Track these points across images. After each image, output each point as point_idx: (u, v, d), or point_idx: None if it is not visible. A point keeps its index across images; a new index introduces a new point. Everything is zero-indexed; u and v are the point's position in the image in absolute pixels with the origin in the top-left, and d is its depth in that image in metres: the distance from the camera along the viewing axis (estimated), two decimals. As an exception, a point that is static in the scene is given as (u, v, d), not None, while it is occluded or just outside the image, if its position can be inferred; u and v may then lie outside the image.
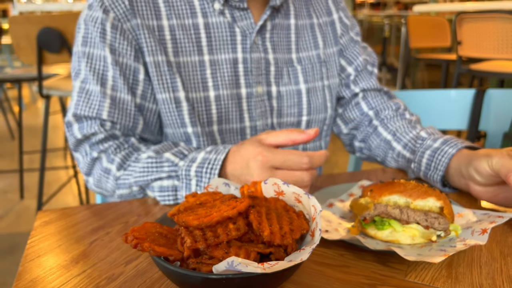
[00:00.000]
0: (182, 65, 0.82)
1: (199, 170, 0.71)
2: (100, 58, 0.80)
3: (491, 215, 0.59)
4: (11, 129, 4.61)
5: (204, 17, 0.84)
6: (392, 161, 0.91)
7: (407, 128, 0.91)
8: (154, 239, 0.45)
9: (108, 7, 0.79)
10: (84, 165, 0.83)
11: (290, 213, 0.49)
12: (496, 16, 2.39)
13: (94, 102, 0.80)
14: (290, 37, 0.92)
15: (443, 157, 0.76)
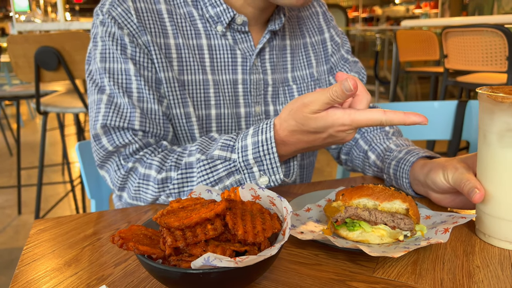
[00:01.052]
0: (187, 83, 0.86)
1: (257, 156, 0.71)
2: (123, 71, 0.81)
3: (455, 216, 0.64)
4: (9, 146, 4.65)
5: (207, 39, 0.88)
6: (370, 171, 0.95)
7: (382, 139, 0.95)
8: (139, 239, 0.50)
9: (121, 23, 0.82)
10: (117, 180, 0.82)
11: (265, 214, 0.53)
12: (480, 30, 2.47)
13: (125, 113, 0.80)
14: (286, 57, 0.97)
15: (406, 166, 0.80)
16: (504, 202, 0.59)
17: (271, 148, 0.70)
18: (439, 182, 0.71)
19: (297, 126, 0.67)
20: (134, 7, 0.83)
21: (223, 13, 0.87)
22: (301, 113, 0.65)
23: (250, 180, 0.74)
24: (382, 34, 7.05)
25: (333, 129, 0.64)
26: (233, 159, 0.74)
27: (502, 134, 0.57)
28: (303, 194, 0.78)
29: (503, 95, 0.55)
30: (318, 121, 0.64)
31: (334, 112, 0.63)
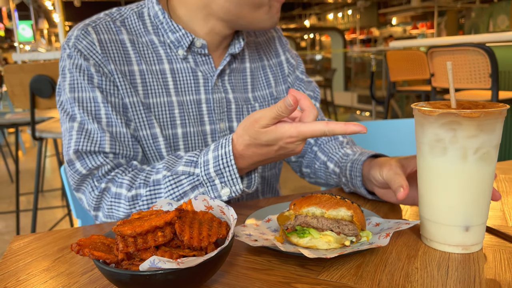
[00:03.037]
0: (153, 105, 0.92)
1: (217, 169, 0.77)
2: (91, 99, 0.87)
3: (401, 222, 0.69)
4: (10, 173, 4.73)
5: (169, 63, 0.95)
6: (331, 180, 1.02)
7: (337, 148, 1.04)
8: (96, 246, 0.55)
9: (87, 55, 0.88)
10: (92, 201, 0.86)
11: (214, 222, 0.58)
12: (464, 49, 2.54)
13: (96, 137, 0.86)
14: (246, 78, 1.05)
15: (358, 165, 0.90)
16: (439, 207, 0.64)
17: (230, 161, 0.76)
18: (377, 178, 0.81)
19: (250, 140, 0.73)
20: (98, 39, 0.89)
21: (183, 37, 0.94)
22: (253, 128, 0.71)
23: (213, 192, 0.79)
24: (378, 55, 7.18)
25: (282, 141, 0.70)
26: (196, 174, 0.79)
27: (432, 144, 0.62)
28: (267, 206, 0.83)
29: (430, 109, 0.61)
30: (268, 134, 0.70)
31: (282, 126, 0.69)
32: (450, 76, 0.64)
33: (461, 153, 0.60)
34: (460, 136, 0.59)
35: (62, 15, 6.22)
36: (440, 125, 0.61)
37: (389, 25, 15.70)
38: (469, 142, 0.59)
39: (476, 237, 0.64)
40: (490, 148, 0.60)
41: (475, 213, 0.63)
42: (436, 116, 0.61)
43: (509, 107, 0.61)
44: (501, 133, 0.61)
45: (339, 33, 12.43)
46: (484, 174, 0.61)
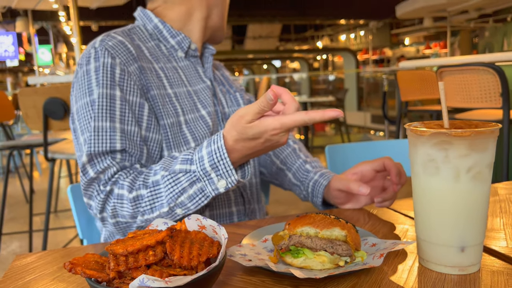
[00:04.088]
0: (177, 95, 1.04)
1: (212, 163, 0.82)
2: (109, 95, 0.94)
3: (396, 243, 0.68)
4: (26, 193, 4.80)
5: (175, 62, 1.10)
6: (286, 186, 1.19)
7: (293, 157, 1.18)
8: (89, 265, 0.56)
9: (114, 54, 0.96)
10: (98, 204, 0.92)
11: (205, 242, 0.59)
12: (473, 68, 2.53)
13: (106, 137, 0.92)
14: (222, 78, 1.24)
15: (320, 187, 1.06)
16: (434, 227, 0.63)
17: (223, 154, 0.81)
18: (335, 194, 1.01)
19: (238, 135, 0.79)
20: (126, 40, 1.00)
21: (183, 41, 1.10)
22: (239, 124, 0.78)
23: (210, 186, 0.84)
24: (390, 75, 7.18)
25: (267, 134, 0.77)
26: (193, 170, 0.84)
27: (425, 164, 0.62)
28: (265, 226, 0.83)
29: (422, 129, 0.61)
30: (253, 129, 0.77)
31: (265, 120, 0.76)
32: (442, 96, 0.65)
33: (453, 173, 0.60)
34: (452, 156, 0.59)
35: (80, 39, 6.39)
36: (432, 144, 0.61)
37: (402, 45, 15.72)
38: (461, 162, 0.59)
39: (472, 257, 0.63)
40: (483, 168, 0.60)
41: (470, 233, 0.62)
42: (428, 136, 0.61)
43: (501, 126, 0.61)
44: (494, 152, 0.61)
45: (352, 53, 12.49)
46: (478, 193, 0.61)
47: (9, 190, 3.32)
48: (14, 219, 4.16)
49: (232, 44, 16.45)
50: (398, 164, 0.98)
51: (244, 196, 1.12)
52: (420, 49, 14.75)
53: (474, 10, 9.99)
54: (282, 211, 3.89)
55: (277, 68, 18.66)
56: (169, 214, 0.88)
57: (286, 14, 11.95)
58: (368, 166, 1.00)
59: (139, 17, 1.12)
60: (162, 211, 0.88)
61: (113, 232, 1.01)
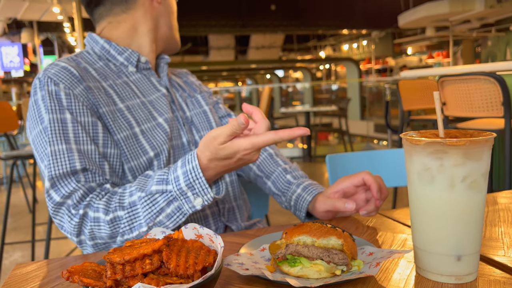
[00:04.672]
0: (130, 107, 1.05)
1: (188, 182, 0.85)
2: (60, 120, 0.95)
3: (393, 252, 0.68)
4: (29, 203, 4.81)
5: (126, 77, 1.11)
6: (268, 192, 1.20)
7: (271, 164, 1.21)
8: (87, 274, 0.56)
9: (56, 80, 0.98)
10: (73, 228, 0.91)
11: (201, 251, 0.59)
12: (474, 78, 2.54)
13: (64, 158, 0.92)
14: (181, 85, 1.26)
15: (304, 203, 1.08)
16: (430, 236, 0.63)
17: (198, 174, 0.85)
18: (320, 212, 1.03)
19: (211, 155, 0.83)
20: (69, 65, 1.02)
21: (131, 55, 1.12)
22: (212, 145, 0.82)
23: (187, 204, 0.87)
24: (392, 84, 7.19)
25: (239, 154, 0.81)
26: (169, 190, 0.87)
27: (420, 173, 0.63)
28: (263, 235, 0.84)
29: (417, 138, 0.62)
30: (226, 150, 0.81)
31: (237, 141, 0.81)
32: (438, 106, 0.65)
33: (449, 182, 0.60)
34: (447, 165, 0.60)
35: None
36: (427, 154, 0.61)
37: (405, 55, 15.76)
38: (456, 171, 0.60)
39: (469, 266, 0.63)
40: (478, 176, 0.60)
41: (466, 242, 0.62)
42: (423, 145, 0.61)
43: (496, 135, 0.61)
44: (489, 161, 0.62)
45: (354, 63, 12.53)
46: (473, 202, 0.61)
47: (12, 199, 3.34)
48: (16, 228, 4.17)
49: (235, 54, 16.54)
50: (377, 178, 0.99)
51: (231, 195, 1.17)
52: (423, 58, 14.77)
53: (476, 19, 10.02)
54: (284, 220, 3.88)
55: (280, 78, 18.73)
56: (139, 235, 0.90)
57: (288, 24, 12.03)
58: (348, 182, 1.02)
59: (87, 42, 1.15)
60: (141, 230, 0.89)
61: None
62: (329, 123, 10.72)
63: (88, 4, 1.14)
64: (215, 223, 1.12)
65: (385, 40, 14.81)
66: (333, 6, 11.82)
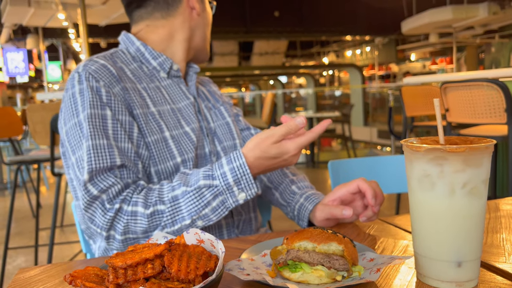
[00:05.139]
0: (161, 112, 1.08)
1: (236, 178, 0.92)
2: (100, 116, 0.97)
3: (394, 257, 0.68)
4: (33, 208, 4.83)
5: (158, 82, 1.13)
6: (274, 202, 1.22)
7: (280, 175, 1.23)
8: (89, 278, 0.57)
9: (97, 77, 1.00)
10: (105, 223, 0.93)
11: (203, 256, 0.60)
12: (477, 84, 2.54)
13: (105, 153, 0.95)
14: (206, 93, 1.28)
15: (305, 212, 1.09)
16: (430, 242, 0.64)
17: (246, 170, 0.92)
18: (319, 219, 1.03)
19: (261, 154, 0.91)
20: (108, 63, 1.04)
21: (164, 62, 1.14)
22: (264, 144, 0.91)
23: (231, 198, 0.93)
24: (396, 90, 7.19)
25: (287, 155, 0.91)
26: (215, 185, 0.92)
27: (421, 179, 0.63)
28: (265, 241, 0.84)
29: (418, 145, 0.62)
30: (276, 149, 0.90)
31: (286, 143, 0.91)
32: (438, 113, 0.66)
33: (449, 188, 0.61)
34: (447, 171, 0.60)
35: (88, 56, 6.50)
36: (428, 160, 0.61)
37: (408, 61, 15.76)
38: (456, 177, 0.60)
39: (470, 273, 0.63)
40: (478, 183, 0.61)
41: (467, 248, 0.62)
42: (423, 151, 0.62)
43: (496, 142, 0.62)
44: (489, 168, 0.62)
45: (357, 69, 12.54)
46: (473, 208, 0.61)
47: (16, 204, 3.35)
48: (20, 233, 4.18)
49: (238, 61, 16.60)
50: (373, 184, 1.00)
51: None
52: (426, 64, 14.77)
53: (479, 26, 10.02)
54: (287, 226, 3.87)
55: (283, 84, 18.76)
56: (190, 226, 0.93)
57: (292, 30, 12.07)
58: (344, 190, 1.03)
59: (122, 41, 1.16)
60: (183, 223, 0.93)
61: (108, 250, 1.04)
62: (332, 129, 10.72)
63: (129, 4, 1.15)
64: (229, 234, 1.12)
65: (389, 46, 14.82)
66: (336, 13, 11.86)
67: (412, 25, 9.46)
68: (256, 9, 11.48)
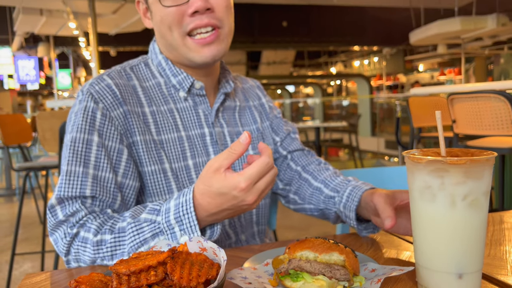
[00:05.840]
0: (164, 142, 1.00)
1: (177, 216, 0.79)
2: (85, 141, 0.92)
3: (395, 268, 0.69)
4: (40, 214, 4.87)
5: (174, 103, 1.05)
6: (321, 204, 1.09)
7: (333, 176, 1.12)
8: (93, 284, 0.58)
9: (97, 99, 0.95)
10: (63, 246, 0.88)
11: (205, 264, 0.61)
12: (484, 96, 2.54)
13: (77, 182, 0.89)
14: (235, 115, 1.16)
15: (359, 191, 0.97)
16: (431, 253, 0.64)
17: (189, 208, 0.79)
18: (370, 204, 0.89)
19: (204, 189, 0.78)
20: (114, 83, 0.98)
21: (184, 80, 1.04)
22: (206, 174, 0.77)
23: (172, 240, 0.80)
24: (403, 100, 7.18)
25: (235, 190, 0.75)
26: (158, 221, 0.82)
27: (422, 191, 0.64)
28: (267, 250, 0.85)
29: (419, 157, 0.63)
30: (220, 181, 0.75)
31: (233, 174, 0.75)
32: (439, 125, 0.66)
33: (449, 200, 0.61)
34: (448, 183, 0.61)
35: (98, 64, 6.59)
36: (429, 172, 0.62)
37: (416, 71, 15.74)
38: (457, 189, 0.61)
39: (470, 285, 0.63)
40: (479, 195, 0.61)
41: (468, 260, 0.62)
42: (425, 163, 0.62)
43: (497, 155, 0.62)
44: (490, 180, 0.62)
45: (365, 79, 12.55)
46: (474, 220, 0.62)
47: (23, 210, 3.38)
48: (27, 239, 4.21)
49: (246, 70, 16.69)
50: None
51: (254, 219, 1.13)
52: (435, 75, 14.74)
53: (488, 37, 10.00)
54: (293, 236, 3.86)
55: (291, 93, 18.80)
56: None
57: (300, 40, 12.14)
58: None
59: (149, 51, 1.10)
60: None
61: None
62: (340, 139, 10.71)
63: None
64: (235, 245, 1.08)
65: (397, 57, 14.83)
66: (344, 23, 11.91)
67: (420, 36, 9.46)
68: (264, 19, 11.58)
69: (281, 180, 1.21)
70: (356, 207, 0.95)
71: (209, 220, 0.81)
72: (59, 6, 7.32)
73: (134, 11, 7.65)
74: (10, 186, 6.33)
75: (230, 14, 1.01)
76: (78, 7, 7.27)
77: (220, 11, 0.98)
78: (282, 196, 1.23)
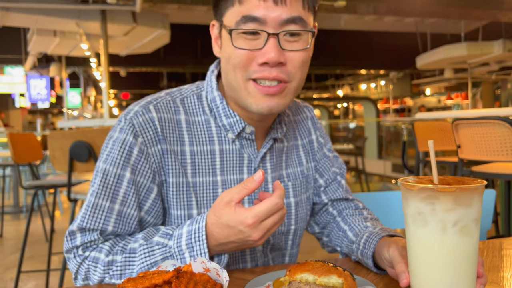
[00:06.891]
0: (198, 185, 0.96)
1: (189, 242, 0.82)
2: (117, 176, 0.90)
3: (391, 292, 0.71)
4: (46, 232, 4.90)
5: (219, 144, 0.99)
6: (345, 248, 1.04)
7: (360, 221, 1.06)
8: (102, 300, 0.61)
9: (138, 132, 0.91)
10: (75, 266, 0.90)
11: (208, 284, 0.64)
12: (490, 122, 2.56)
13: (101, 216, 0.89)
14: (282, 156, 1.08)
15: (375, 237, 0.91)
16: (424, 277, 0.67)
17: (201, 235, 0.82)
18: (385, 255, 0.83)
19: (215, 219, 0.81)
20: (158, 117, 0.93)
21: (236, 124, 0.97)
22: (218, 206, 0.80)
23: (182, 265, 0.78)
24: (409, 124, 7.21)
25: (242, 225, 0.78)
26: (169, 246, 0.84)
27: (414, 216, 0.67)
28: (269, 272, 0.87)
29: (411, 184, 0.66)
30: (229, 214, 0.78)
31: (242, 209, 0.78)
32: (432, 154, 0.70)
33: (440, 226, 0.64)
34: (439, 209, 0.64)
35: (108, 84, 6.73)
36: (421, 198, 0.65)
37: (423, 95, 15.80)
38: (447, 215, 0.64)
39: (463, 309, 0.66)
40: (469, 222, 0.64)
41: (459, 285, 0.65)
42: (417, 190, 0.66)
43: (486, 183, 0.65)
44: (480, 207, 0.65)
45: (372, 102, 12.61)
46: (464, 246, 0.64)
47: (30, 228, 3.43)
48: (33, 257, 4.24)
49: (254, 91, 16.80)
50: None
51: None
52: (442, 99, 14.78)
53: (494, 62, 10.06)
54: (298, 258, 3.84)
55: (298, 115, 18.85)
56: None
57: (307, 63, 12.25)
58: None
59: (206, 81, 1.02)
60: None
61: None
62: (346, 162, 10.70)
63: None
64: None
65: (403, 81, 14.92)
66: (351, 47, 12.06)
67: (427, 60, 9.55)
68: (272, 42, 11.71)
69: (317, 224, 1.17)
70: (373, 253, 0.91)
71: (217, 249, 0.83)
72: (73, 28, 7.53)
73: (144, 33, 7.84)
74: (18, 204, 6.39)
75: (304, 69, 0.93)
76: (91, 29, 7.47)
77: (293, 66, 0.90)
78: (318, 239, 1.20)
